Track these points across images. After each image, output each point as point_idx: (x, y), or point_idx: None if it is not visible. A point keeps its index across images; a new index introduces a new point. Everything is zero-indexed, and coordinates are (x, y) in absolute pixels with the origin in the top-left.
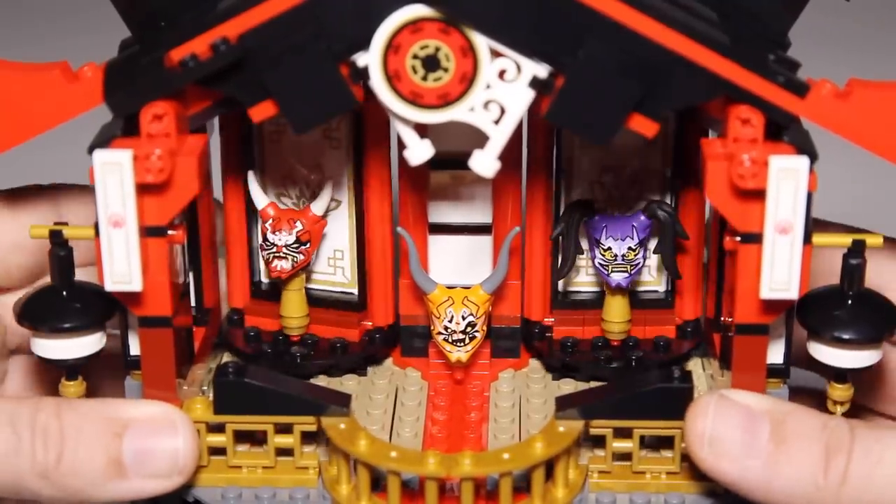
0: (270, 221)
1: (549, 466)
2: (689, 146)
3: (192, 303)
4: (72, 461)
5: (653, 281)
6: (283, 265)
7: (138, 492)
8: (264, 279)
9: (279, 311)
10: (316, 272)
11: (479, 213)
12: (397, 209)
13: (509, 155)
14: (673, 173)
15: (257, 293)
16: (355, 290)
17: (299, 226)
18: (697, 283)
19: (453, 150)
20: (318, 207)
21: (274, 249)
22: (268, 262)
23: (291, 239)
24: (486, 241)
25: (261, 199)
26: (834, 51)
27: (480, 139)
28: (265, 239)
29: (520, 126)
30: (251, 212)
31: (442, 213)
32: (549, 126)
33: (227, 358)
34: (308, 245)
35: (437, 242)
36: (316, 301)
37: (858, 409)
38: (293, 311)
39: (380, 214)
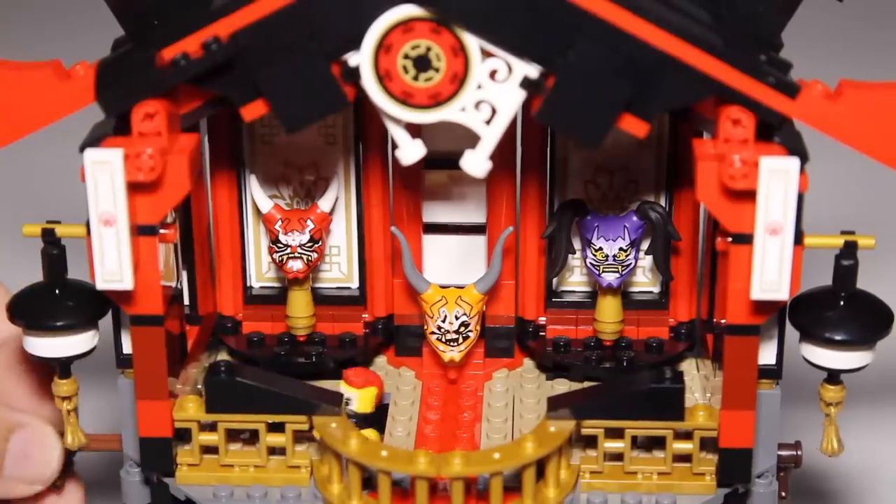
0: (280, 223)
1: (541, 466)
2: (683, 147)
3: (186, 301)
4: None
5: (647, 282)
6: (298, 265)
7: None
8: (256, 283)
9: (284, 311)
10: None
11: (474, 212)
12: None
13: (503, 155)
14: (667, 174)
15: (250, 298)
16: (352, 285)
17: (311, 224)
18: (691, 284)
19: (447, 149)
20: (325, 204)
21: (287, 250)
22: (281, 264)
23: (306, 238)
24: (480, 241)
25: (265, 202)
26: (826, 51)
27: (475, 138)
28: (276, 241)
29: (514, 125)
30: (244, 215)
31: (436, 212)
32: (543, 126)
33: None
34: (320, 243)
35: (431, 242)
36: (316, 299)
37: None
38: (301, 310)
39: (380, 209)
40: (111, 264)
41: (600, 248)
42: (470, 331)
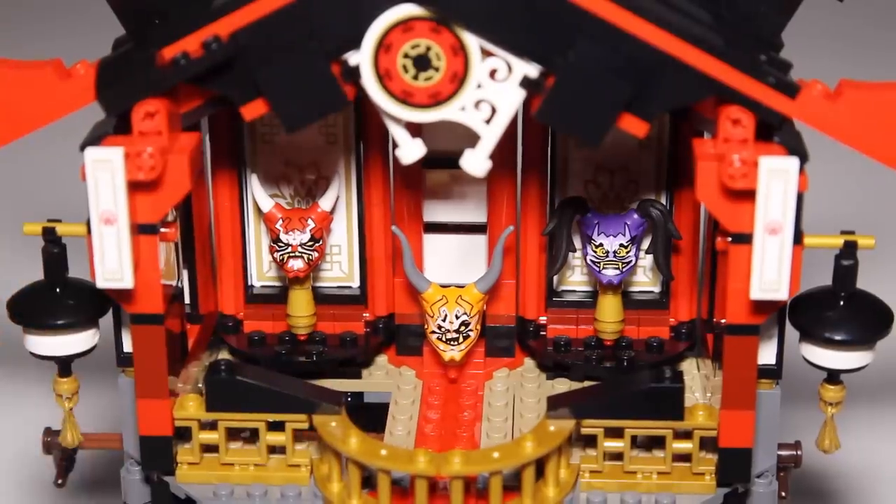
0: (281, 222)
1: (540, 465)
2: (683, 147)
3: (187, 300)
4: None
5: (648, 282)
6: (299, 264)
7: None
8: (257, 282)
9: (285, 310)
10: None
11: (474, 212)
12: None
13: (503, 154)
14: (667, 174)
15: (251, 297)
16: (353, 284)
17: (311, 223)
18: (692, 284)
19: (448, 148)
20: (326, 203)
21: (289, 249)
22: (282, 264)
23: (307, 237)
24: (480, 240)
25: (266, 201)
26: (826, 51)
27: (475, 138)
28: (277, 240)
29: (514, 125)
30: (245, 214)
31: (437, 211)
32: (543, 125)
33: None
34: (321, 242)
35: (431, 241)
36: (316, 298)
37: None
38: (301, 309)
39: (381, 208)
40: (112, 263)
41: (601, 245)
42: (470, 330)
